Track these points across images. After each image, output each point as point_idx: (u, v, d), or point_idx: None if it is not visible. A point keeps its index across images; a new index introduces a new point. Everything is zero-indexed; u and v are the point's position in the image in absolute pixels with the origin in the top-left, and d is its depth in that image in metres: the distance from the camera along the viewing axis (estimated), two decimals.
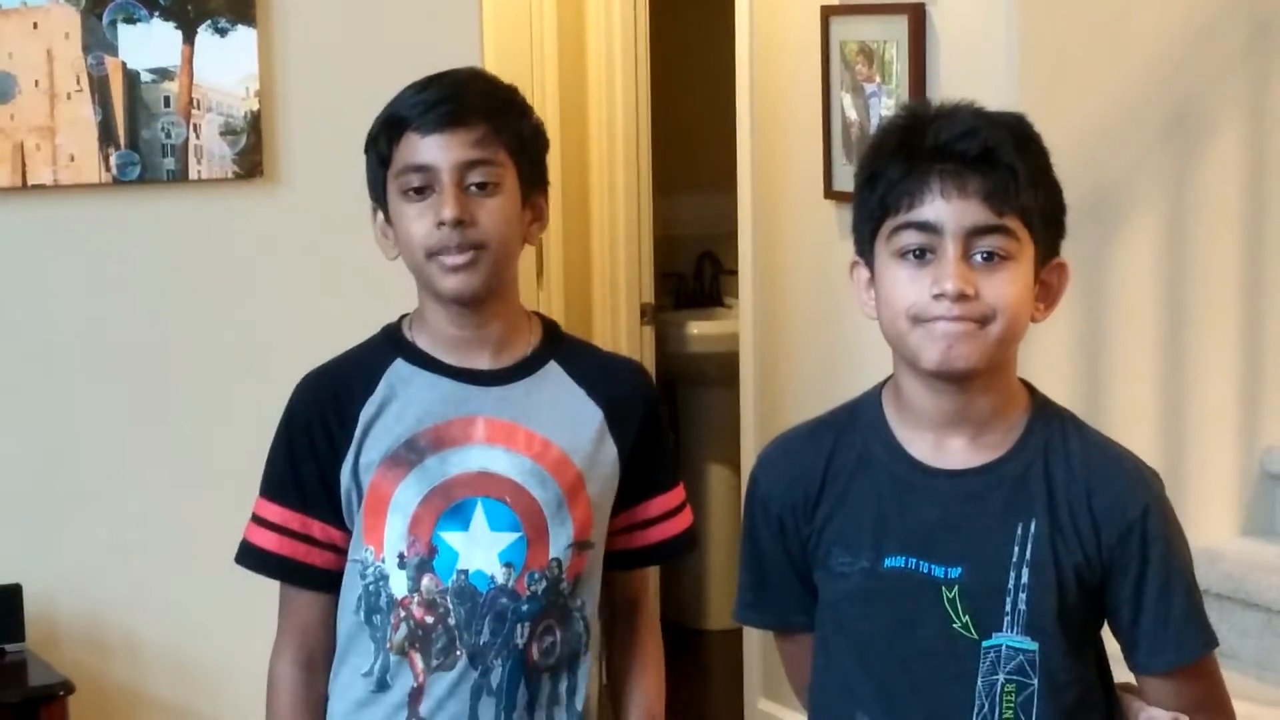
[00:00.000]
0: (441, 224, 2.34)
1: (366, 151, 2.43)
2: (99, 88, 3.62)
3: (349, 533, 2.44)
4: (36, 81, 3.57)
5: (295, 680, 2.47)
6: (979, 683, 2.12)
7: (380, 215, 2.44)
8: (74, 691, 3.42)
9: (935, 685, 2.13)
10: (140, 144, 3.66)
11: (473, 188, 2.36)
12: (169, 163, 3.68)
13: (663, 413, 2.54)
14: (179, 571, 3.77)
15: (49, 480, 3.69)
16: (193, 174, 3.70)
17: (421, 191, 2.36)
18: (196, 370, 3.78)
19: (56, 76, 3.58)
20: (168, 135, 3.68)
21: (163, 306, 3.75)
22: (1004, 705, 2.12)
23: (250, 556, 2.49)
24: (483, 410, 2.41)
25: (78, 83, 3.60)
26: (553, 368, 2.46)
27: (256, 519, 2.48)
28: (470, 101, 2.37)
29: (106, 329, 3.71)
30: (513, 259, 2.42)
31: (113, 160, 3.64)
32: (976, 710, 2.12)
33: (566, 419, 2.43)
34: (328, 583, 2.46)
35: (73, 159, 3.61)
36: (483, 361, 2.43)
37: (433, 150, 2.35)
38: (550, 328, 2.50)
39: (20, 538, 3.66)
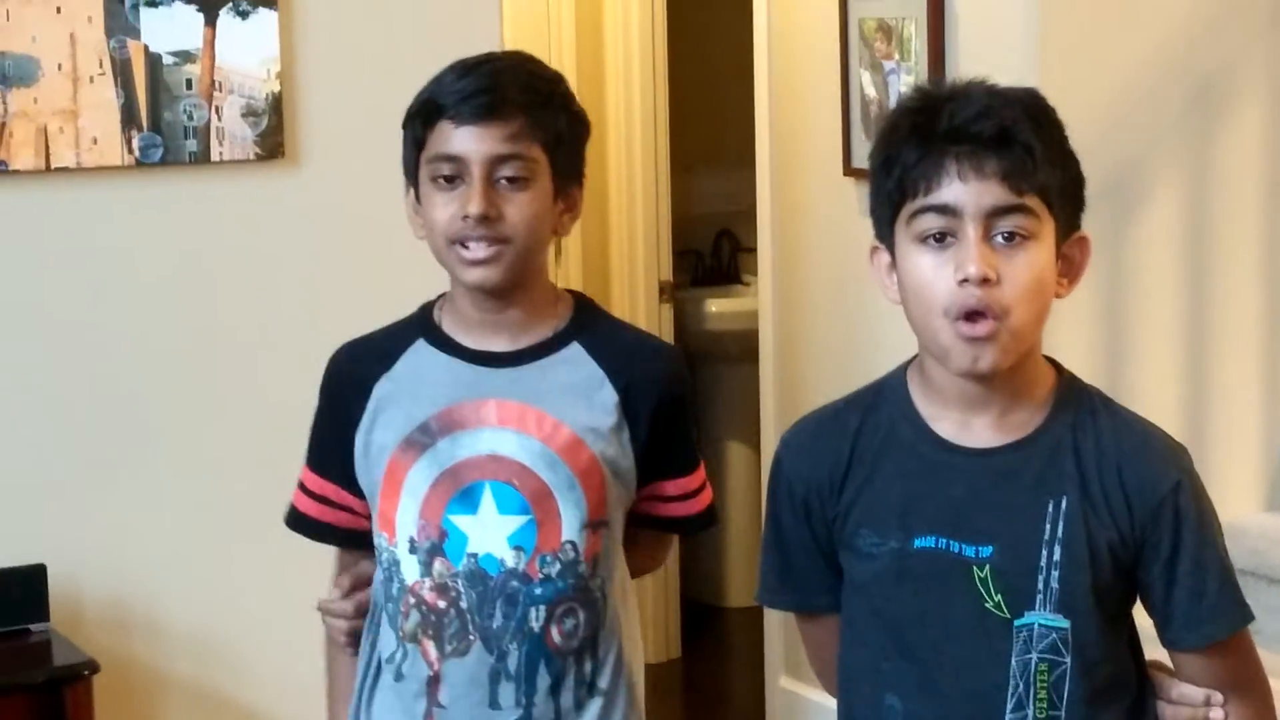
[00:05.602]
0: (466, 216, 2.34)
1: (403, 129, 2.43)
2: (121, 70, 3.62)
3: (365, 499, 2.47)
4: (60, 65, 3.58)
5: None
6: (1013, 662, 2.11)
7: (412, 193, 2.44)
8: (98, 671, 3.43)
9: (968, 666, 2.12)
10: (162, 126, 3.66)
11: (503, 181, 2.35)
12: (191, 145, 3.69)
13: (688, 398, 2.50)
14: (202, 552, 3.78)
15: (73, 461, 3.70)
16: (214, 156, 3.71)
17: (451, 180, 2.36)
18: (219, 351, 3.79)
19: (79, 60, 3.59)
20: (190, 117, 3.68)
21: (185, 288, 3.76)
22: (1038, 685, 2.11)
23: (288, 516, 2.56)
24: (495, 393, 2.40)
25: (100, 66, 3.61)
26: (575, 349, 2.44)
27: (299, 482, 2.56)
28: (508, 94, 2.36)
29: (129, 311, 3.72)
30: (539, 251, 2.41)
31: (135, 142, 3.65)
32: (1011, 690, 2.11)
33: (581, 400, 2.42)
34: (355, 541, 2.51)
35: (95, 142, 3.62)
36: (501, 344, 2.42)
37: (465, 141, 2.35)
38: (582, 308, 2.48)
39: (45, 518, 3.67)
